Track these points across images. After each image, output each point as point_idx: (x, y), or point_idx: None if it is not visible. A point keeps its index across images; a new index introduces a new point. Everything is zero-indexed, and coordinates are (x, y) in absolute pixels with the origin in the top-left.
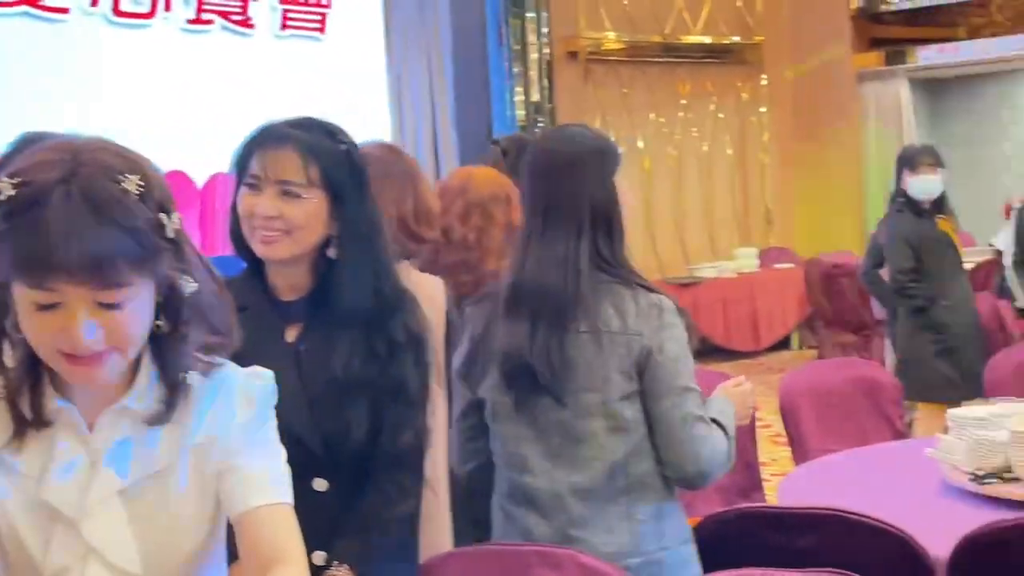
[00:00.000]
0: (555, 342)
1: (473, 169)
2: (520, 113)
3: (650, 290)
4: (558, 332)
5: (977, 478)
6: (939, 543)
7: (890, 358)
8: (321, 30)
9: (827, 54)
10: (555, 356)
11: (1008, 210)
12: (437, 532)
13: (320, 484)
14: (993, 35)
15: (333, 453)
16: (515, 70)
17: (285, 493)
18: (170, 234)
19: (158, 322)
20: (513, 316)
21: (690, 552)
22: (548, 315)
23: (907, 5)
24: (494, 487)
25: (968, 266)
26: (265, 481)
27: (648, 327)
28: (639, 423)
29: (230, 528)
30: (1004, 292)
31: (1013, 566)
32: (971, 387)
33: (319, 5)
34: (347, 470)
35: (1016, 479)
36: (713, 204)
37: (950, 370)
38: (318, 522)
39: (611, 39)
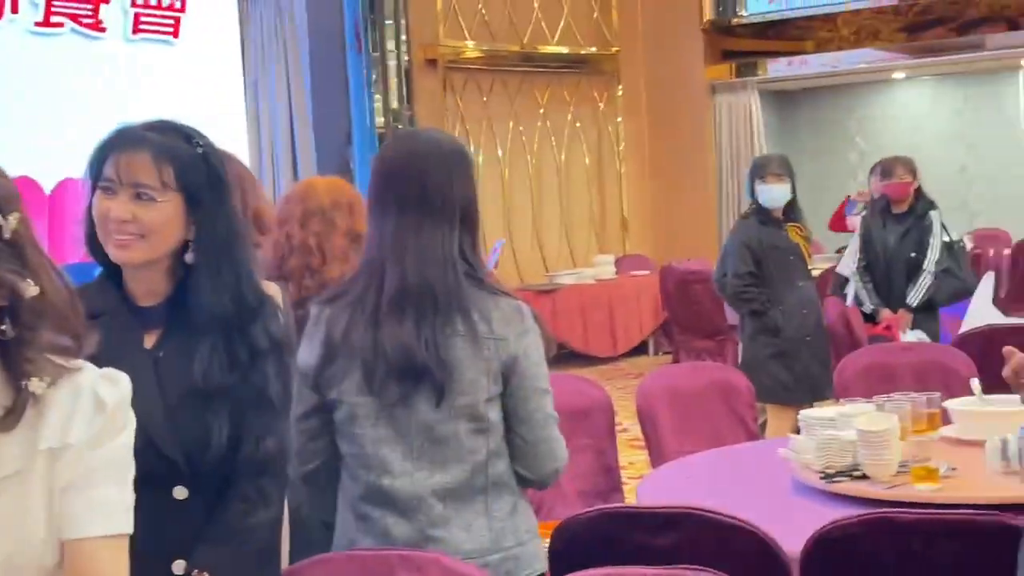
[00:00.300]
0: (441, 342)
1: (317, 178)
2: (379, 120)
3: (505, 294)
4: (441, 333)
5: (827, 476)
6: (792, 539)
7: (737, 361)
8: (175, 34)
9: (681, 65)
10: (443, 356)
11: (847, 202)
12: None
13: (180, 492)
14: (839, 49)
15: (193, 461)
16: (374, 77)
17: (126, 523)
18: (6, 235)
19: (1, 326)
20: (397, 316)
21: (539, 546)
22: (433, 315)
23: (757, 19)
24: (339, 489)
25: (816, 273)
26: (110, 508)
27: (512, 331)
28: (499, 424)
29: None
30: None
31: (861, 560)
32: (804, 390)
33: (172, 9)
34: (208, 478)
35: (864, 477)
36: (571, 212)
37: (783, 373)
38: (179, 530)
39: (470, 47)
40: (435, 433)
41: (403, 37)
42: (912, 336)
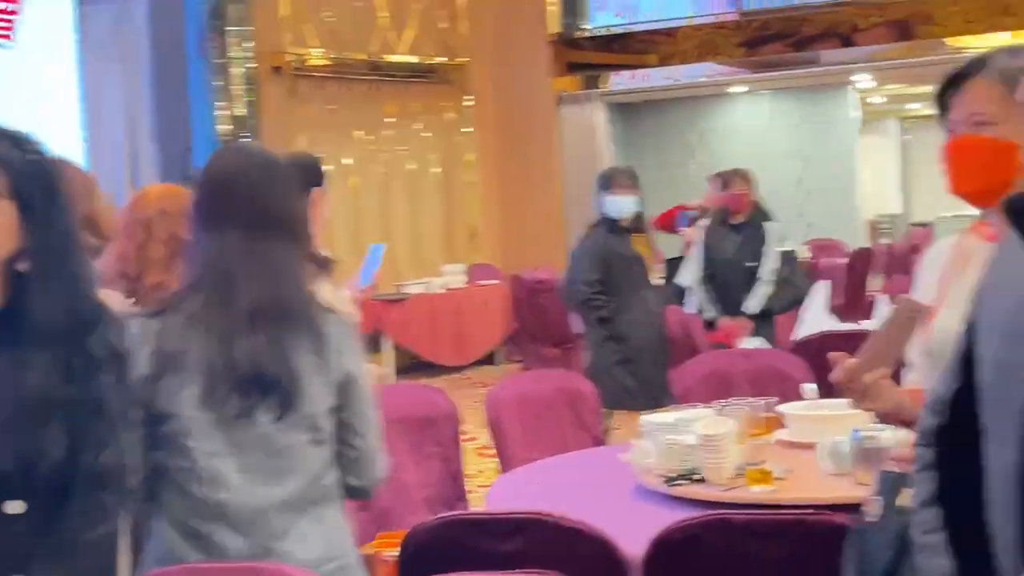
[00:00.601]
0: (291, 356)
1: (152, 186)
2: (224, 128)
3: (330, 309)
4: (291, 346)
5: (668, 480)
6: (634, 542)
7: (584, 369)
8: (8, 37)
9: (528, 77)
10: (293, 369)
11: (677, 213)
12: None
13: (15, 507)
14: (682, 63)
15: (28, 475)
16: (218, 84)
17: None
18: None
19: None
20: (250, 331)
21: (359, 552)
22: (285, 330)
23: (602, 32)
24: (161, 505)
25: (659, 282)
26: None
27: (346, 345)
28: (333, 435)
29: None
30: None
31: (702, 561)
32: (648, 396)
33: (6, 12)
34: (44, 492)
35: (703, 480)
36: (420, 221)
37: (629, 379)
38: (13, 546)
39: (316, 55)
40: (274, 446)
41: (248, 44)
42: (752, 343)
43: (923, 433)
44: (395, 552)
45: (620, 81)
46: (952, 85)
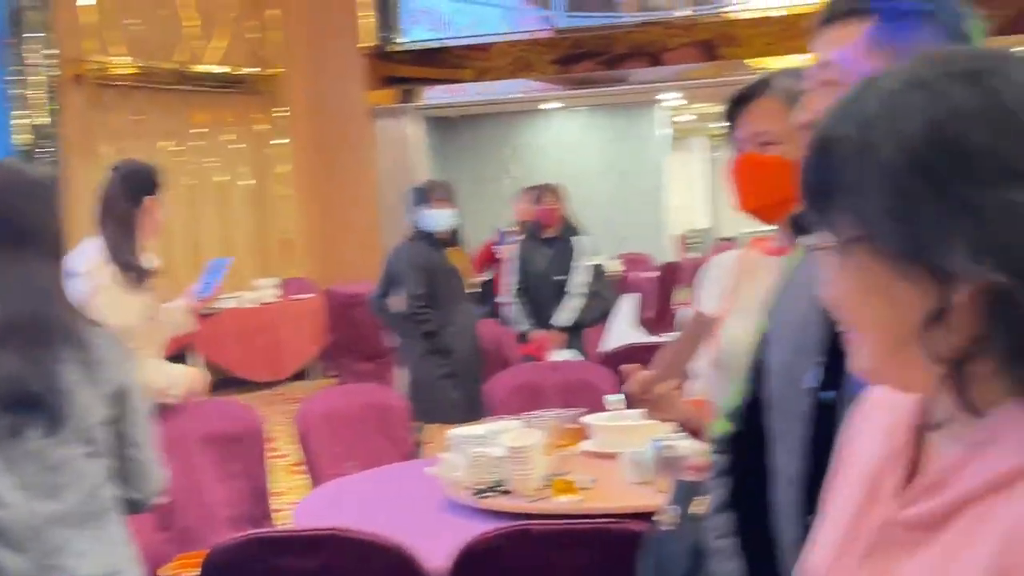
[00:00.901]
0: (53, 370)
1: None
2: (23, 138)
3: (95, 323)
4: (53, 361)
5: (476, 493)
6: (440, 555)
7: (402, 383)
8: None
9: (342, 89)
10: (56, 384)
11: (499, 239)
12: None
13: None
14: (496, 78)
15: None
16: (17, 93)
17: None
18: None
19: None
20: (2, 348)
21: (141, 567)
22: (42, 345)
23: (416, 46)
24: None
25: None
26: None
27: (116, 357)
28: (110, 448)
29: None
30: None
31: (506, 572)
32: (475, 409)
33: None
34: None
35: (511, 492)
36: (232, 234)
37: (455, 392)
38: None
39: (121, 64)
40: (48, 460)
41: (49, 51)
42: (563, 356)
43: (717, 440)
44: (195, 573)
45: (436, 95)
46: (738, 104)
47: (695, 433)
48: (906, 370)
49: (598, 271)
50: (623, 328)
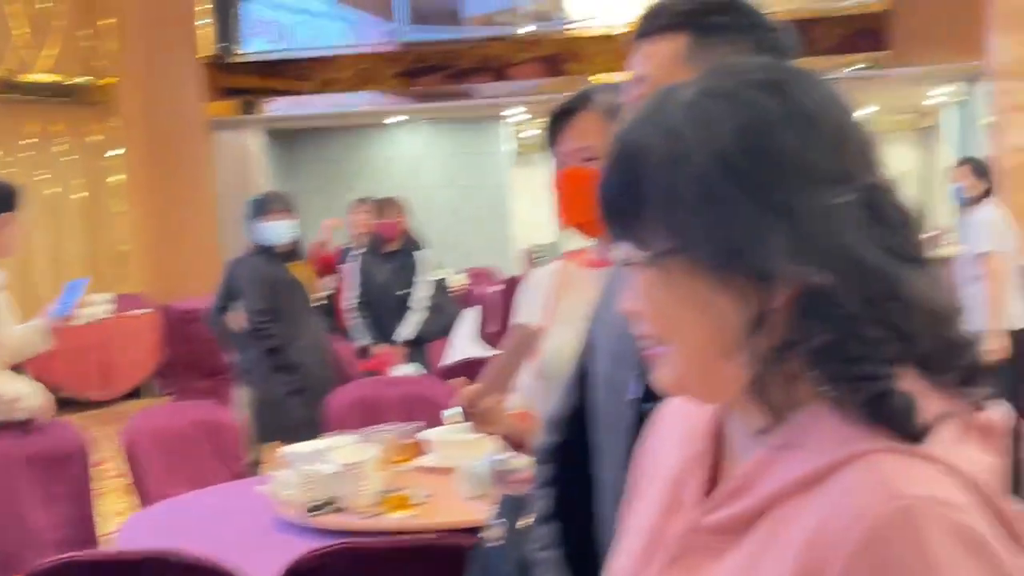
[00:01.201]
0: None
1: None
2: None
3: None
4: None
5: (308, 510)
6: (270, 574)
7: (244, 401)
8: None
9: (180, 101)
10: None
11: (340, 255)
12: None
13: None
14: (341, 91)
15: None
16: None
17: None
18: None
19: None
20: None
21: None
22: None
23: (260, 57)
24: None
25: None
26: None
27: None
28: None
29: None
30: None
31: None
32: (321, 426)
33: None
34: None
35: (344, 509)
36: (62, 249)
37: (303, 410)
38: None
39: None
40: None
41: None
42: (405, 370)
43: (541, 451)
44: None
45: (278, 107)
46: (560, 119)
47: (519, 446)
48: (715, 380)
49: (441, 285)
50: (465, 342)
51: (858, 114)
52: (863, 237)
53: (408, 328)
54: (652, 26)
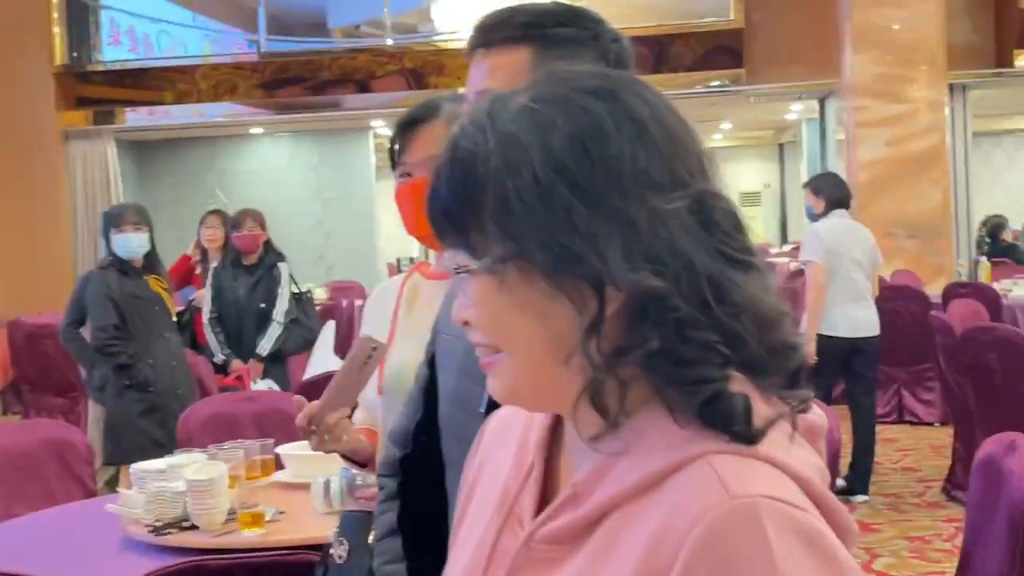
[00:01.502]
0: None
1: None
2: None
3: None
4: None
5: (156, 530)
6: None
7: (92, 418)
8: None
9: (31, 110)
10: None
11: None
12: None
13: None
14: (200, 101)
15: None
16: None
17: None
18: None
19: None
20: None
21: None
22: None
23: (116, 67)
24: None
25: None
26: None
27: None
28: None
29: None
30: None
31: None
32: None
33: None
34: None
35: (194, 527)
36: None
37: (156, 430)
38: None
39: None
40: None
41: None
42: (263, 385)
43: (386, 464)
44: None
45: (135, 118)
46: (407, 129)
47: (364, 464)
48: (549, 388)
49: (302, 299)
50: (323, 356)
51: (704, 128)
52: (694, 242)
53: (267, 342)
54: (493, 38)
